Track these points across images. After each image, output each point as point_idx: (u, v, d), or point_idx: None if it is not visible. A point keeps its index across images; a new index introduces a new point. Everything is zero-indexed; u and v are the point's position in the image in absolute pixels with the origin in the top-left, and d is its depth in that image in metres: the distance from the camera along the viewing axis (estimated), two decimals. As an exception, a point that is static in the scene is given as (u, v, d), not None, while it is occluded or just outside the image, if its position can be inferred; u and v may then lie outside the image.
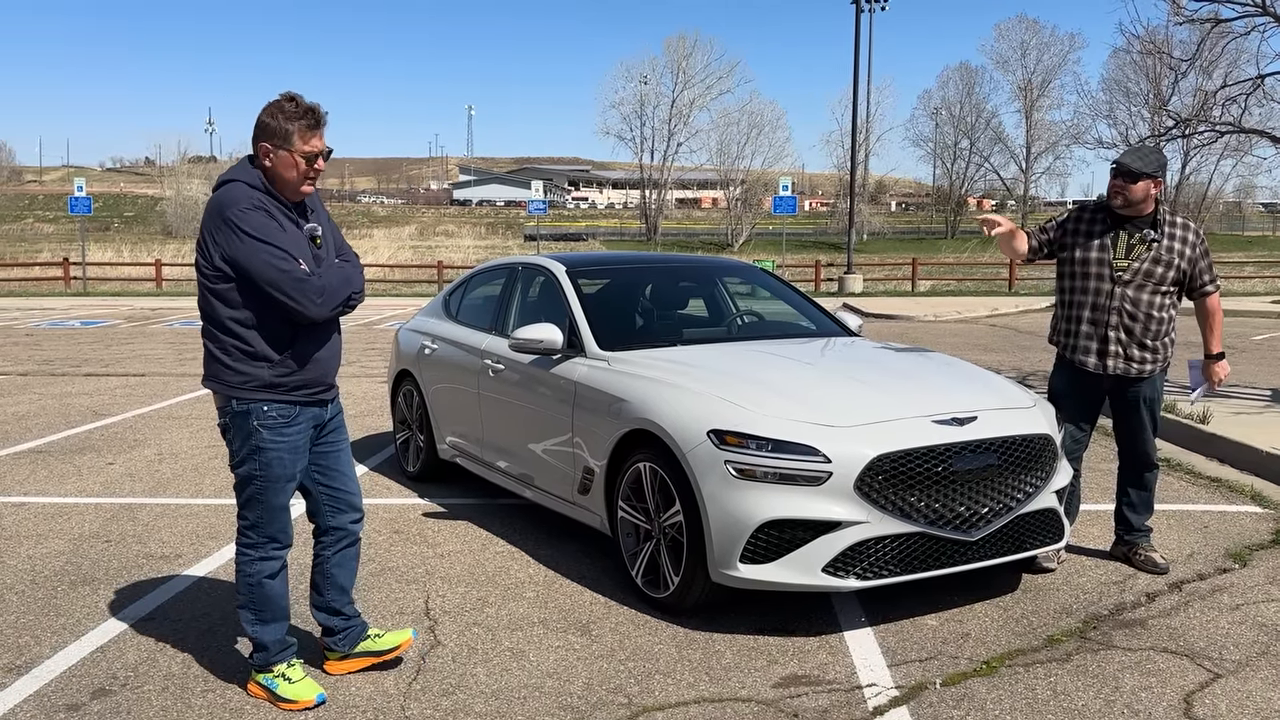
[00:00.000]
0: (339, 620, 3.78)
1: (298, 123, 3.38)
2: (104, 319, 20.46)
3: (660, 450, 4.31)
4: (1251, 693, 3.59)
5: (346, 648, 3.78)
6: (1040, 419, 4.43)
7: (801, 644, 4.03)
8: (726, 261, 8.03)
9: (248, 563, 3.56)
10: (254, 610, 3.58)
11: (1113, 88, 62.08)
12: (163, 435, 8.24)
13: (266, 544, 3.56)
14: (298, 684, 3.56)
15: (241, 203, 3.33)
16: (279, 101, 3.41)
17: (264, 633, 3.58)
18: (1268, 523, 5.61)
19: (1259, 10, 9.13)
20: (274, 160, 3.39)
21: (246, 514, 3.55)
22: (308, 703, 3.51)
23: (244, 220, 3.30)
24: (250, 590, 3.56)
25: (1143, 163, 4.64)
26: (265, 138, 3.38)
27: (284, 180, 3.41)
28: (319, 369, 3.52)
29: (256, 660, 3.60)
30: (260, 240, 3.29)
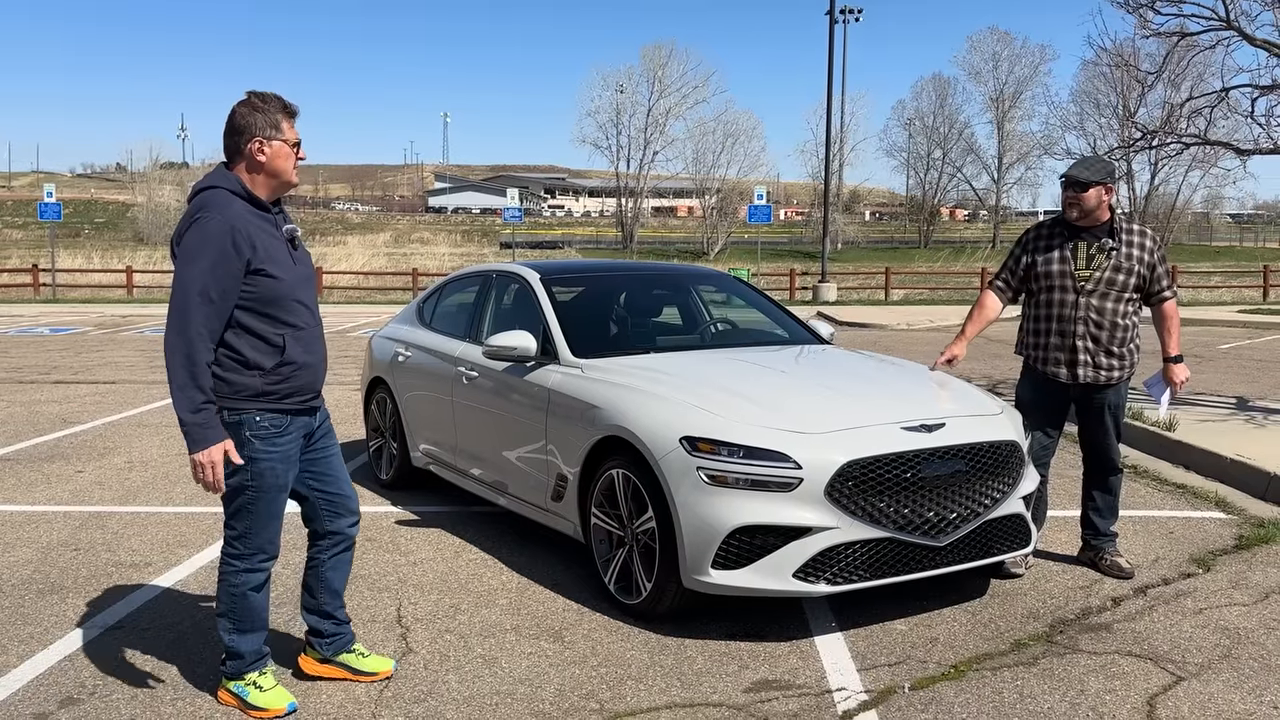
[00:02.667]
0: (329, 624, 3.77)
1: (281, 112, 3.39)
2: (74, 326, 20.25)
3: (633, 457, 4.33)
4: (1213, 695, 3.66)
5: (330, 653, 3.77)
6: (1007, 426, 4.49)
7: (773, 649, 4.06)
8: (700, 269, 8.07)
9: (233, 573, 3.51)
10: (233, 620, 3.54)
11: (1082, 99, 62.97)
12: (133, 443, 8.18)
13: (254, 555, 3.51)
14: (269, 692, 3.54)
15: (214, 211, 3.27)
16: (253, 99, 3.39)
17: (241, 642, 3.54)
18: (1231, 528, 5.70)
19: (1223, 24, 9.30)
20: (269, 152, 3.36)
21: (235, 524, 3.48)
22: (278, 711, 3.50)
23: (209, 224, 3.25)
24: (233, 600, 3.52)
25: (1090, 171, 4.74)
26: (256, 132, 3.34)
27: (280, 170, 3.39)
28: (309, 376, 3.50)
29: (229, 668, 3.57)
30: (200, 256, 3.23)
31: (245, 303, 3.32)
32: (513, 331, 5.20)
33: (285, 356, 3.40)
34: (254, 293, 3.32)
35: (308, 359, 3.47)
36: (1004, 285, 5.11)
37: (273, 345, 3.37)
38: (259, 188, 3.39)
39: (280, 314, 3.38)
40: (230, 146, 3.38)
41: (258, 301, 3.33)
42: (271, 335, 3.37)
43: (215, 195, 3.33)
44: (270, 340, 3.37)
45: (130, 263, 36.66)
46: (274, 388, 3.39)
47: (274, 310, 3.37)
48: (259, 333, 3.35)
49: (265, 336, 3.36)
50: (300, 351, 3.44)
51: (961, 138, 73.26)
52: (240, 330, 3.33)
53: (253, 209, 3.36)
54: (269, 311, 3.36)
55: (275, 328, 3.37)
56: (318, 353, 3.54)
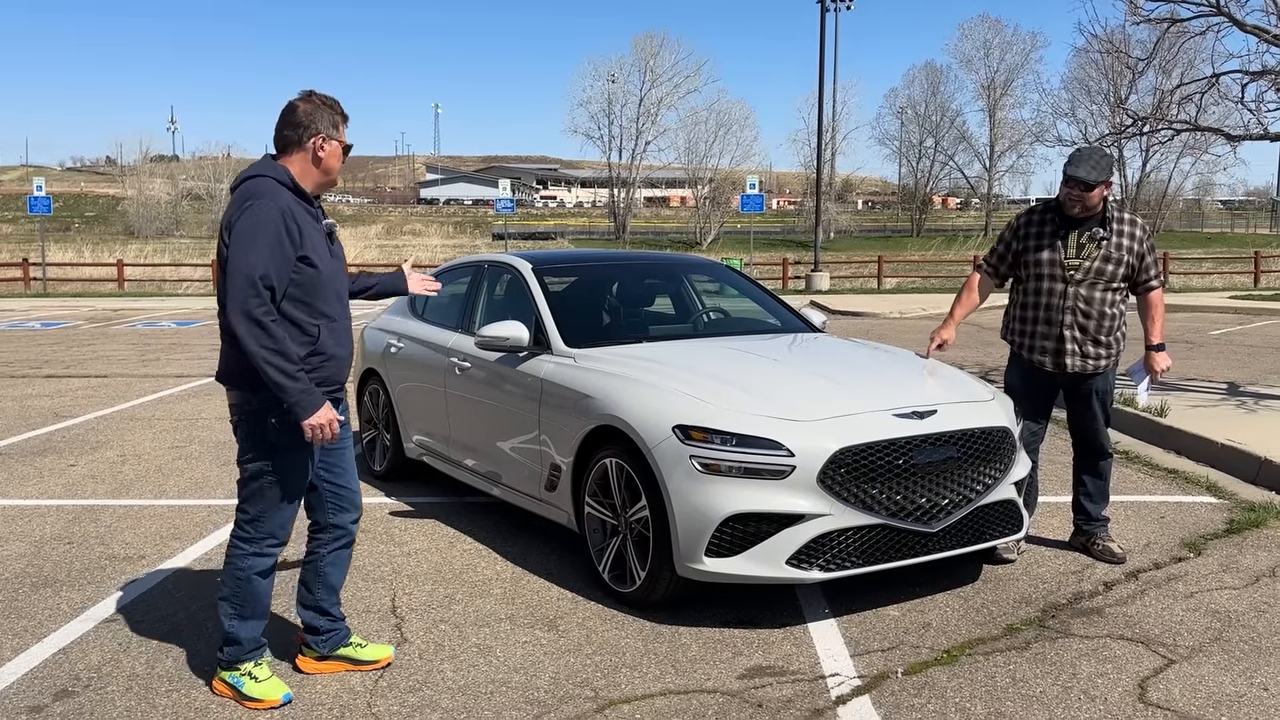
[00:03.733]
0: (325, 620, 3.77)
1: (339, 115, 3.53)
2: (65, 320, 20.18)
3: (626, 446, 4.34)
4: (1204, 677, 3.68)
5: (326, 649, 3.77)
6: (999, 412, 4.50)
7: (766, 636, 4.08)
8: (693, 259, 8.07)
9: (241, 556, 3.53)
10: (235, 605, 3.55)
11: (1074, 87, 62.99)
12: (125, 437, 8.16)
13: (264, 539, 3.53)
14: (264, 683, 3.54)
15: (268, 199, 3.33)
16: (315, 96, 3.50)
17: (241, 629, 3.56)
18: (1222, 513, 5.73)
19: (1213, 10, 9.30)
20: (328, 150, 3.48)
21: (249, 508, 3.52)
22: (273, 702, 3.50)
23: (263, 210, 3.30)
24: (237, 584, 3.54)
25: (1097, 172, 4.69)
26: (320, 129, 3.45)
27: (334, 169, 3.53)
28: (336, 367, 3.54)
29: (226, 655, 3.58)
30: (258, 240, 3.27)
31: (287, 292, 3.36)
32: (505, 322, 5.20)
33: (318, 346, 3.44)
34: (297, 281, 3.38)
35: (337, 350, 3.52)
36: (992, 270, 5.12)
37: (307, 335, 3.42)
38: (308, 181, 3.49)
39: (318, 304, 3.45)
40: (288, 138, 3.46)
41: (299, 290, 3.39)
42: (308, 325, 3.42)
43: (265, 184, 3.38)
44: (306, 329, 3.42)
45: (121, 256, 36.52)
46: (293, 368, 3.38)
47: (313, 299, 3.43)
48: (296, 321, 3.40)
49: (302, 325, 3.41)
50: (331, 343, 3.49)
51: (953, 126, 73.36)
52: (281, 320, 3.35)
53: (298, 200, 3.43)
54: (308, 300, 3.41)
55: (312, 317, 3.43)
56: (346, 345, 3.59)
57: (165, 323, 19.66)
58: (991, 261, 5.13)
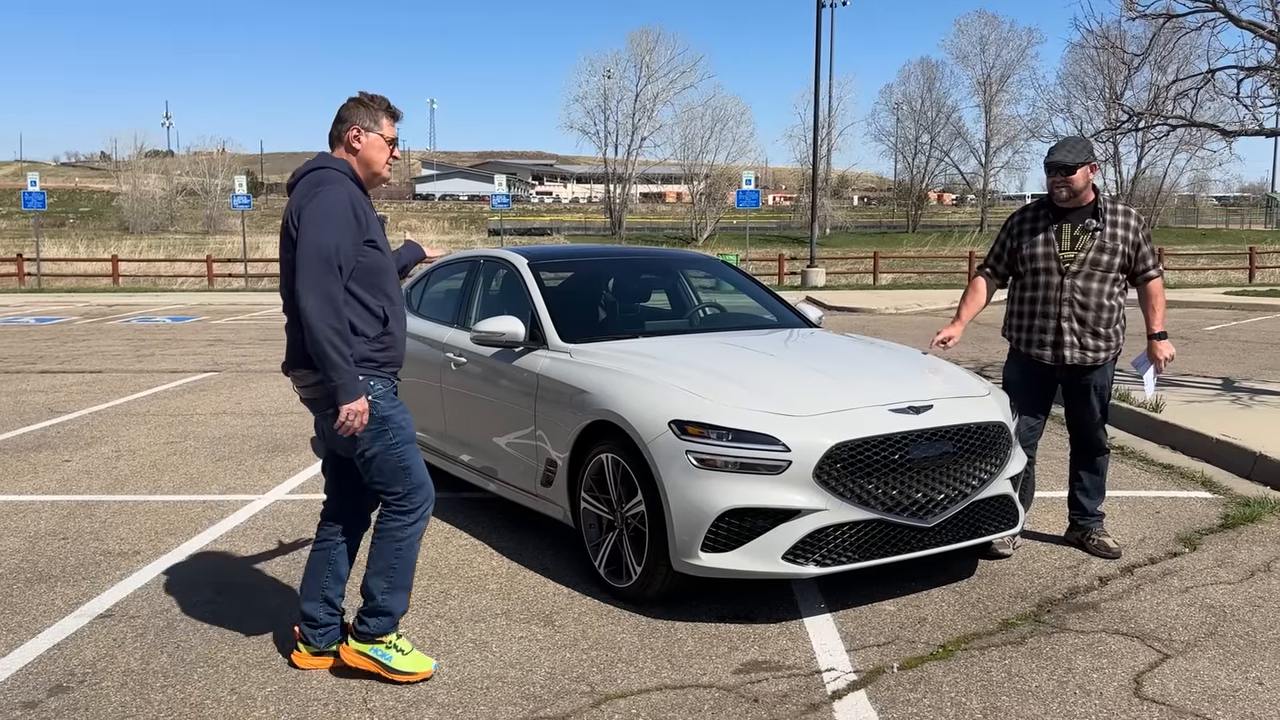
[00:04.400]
0: (325, 612, 3.77)
1: (384, 111, 3.64)
2: (59, 316, 20.14)
3: (622, 441, 4.34)
4: (1199, 672, 3.69)
5: (324, 644, 3.76)
6: (995, 407, 4.51)
7: (762, 630, 4.08)
8: (689, 254, 8.06)
9: (401, 528, 3.60)
10: (389, 577, 3.61)
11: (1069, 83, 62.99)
12: (120, 432, 8.14)
13: (424, 503, 3.64)
14: (411, 655, 3.64)
15: (334, 183, 3.48)
16: (360, 95, 3.66)
17: (392, 601, 3.63)
18: (1217, 508, 5.74)
19: (1209, 6, 9.30)
20: (365, 142, 3.59)
21: (396, 488, 3.59)
22: (425, 674, 3.61)
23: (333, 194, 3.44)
24: (397, 555, 3.61)
25: (1075, 154, 4.74)
26: (356, 121, 3.59)
27: (372, 161, 3.62)
28: (399, 350, 3.65)
29: (372, 628, 3.62)
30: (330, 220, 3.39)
31: (355, 274, 3.47)
32: (501, 317, 5.19)
33: (386, 328, 3.56)
34: (364, 264, 3.50)
35: (399, 333, 3.64)
36: (992, 270, 5.13)
37: (375, 315, 3.53)
38: (363, 168, 3.62)
39: (383, 286, 3.56)
40: (333, 134, 3.64)
41: (366, 273, 3.50)
42: (374, 306, 3.52)
43: (330, 173, 3.53)
44: (373, 310, 3.52)
45: (116, 252, 36.44)
46: (376, 355, 3.54)
47: (378, 281, 3.54)
48: (365, 302, 3.51)
49: (369, 306, 3.51)
50: (395, 324, 3.61)
51: (949, 122, 73.28)
52: (350, 301, 3.47)
53: (360, 190, 3.58)
54: (373, 282, 3.52)
55: (377, 299, 3.53)
56: (404, 331, 3.71)
57: (160, 318, 19.62)
58: (990, 262, 5.14)
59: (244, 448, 7.50)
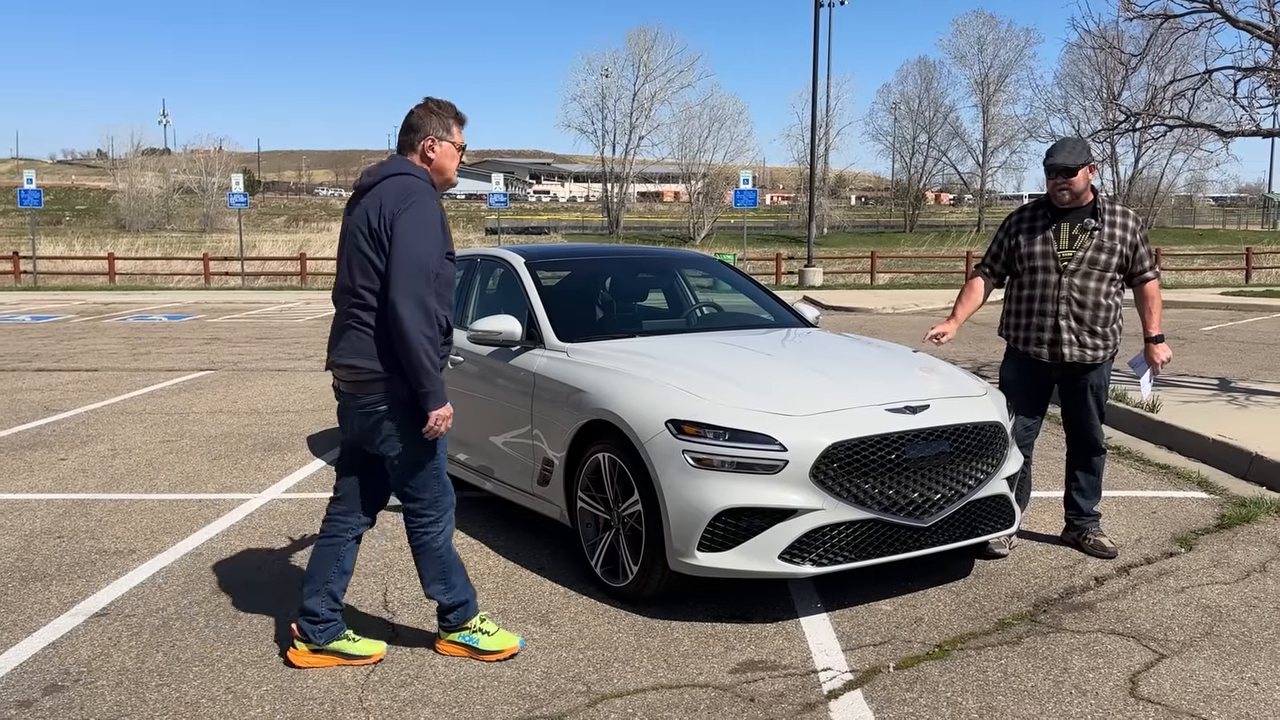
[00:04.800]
0: (327, 607, 3.77)
1: (453, 118, 3.71)
2: (55, 314, 20.10)
3: (619, 440, 4.33)
4: (1195, 672, 3.69)
5: (322, 641, 3.76)
6: (991, 407, 4.51)
7: (758, 630, 4.08)
8: (686, 253, 8.06)
9: (433, 538, 3.72)
10: (444, 580, 3.76)
11: (1067, 83, 63.04)
12: (116, 430, 8.13)
13: (446, 512, 3.75)
14: (496, 635, 3.79)
15: (423, 193, 3.56)
16: (429, 102, 3.70)
17: (461, 592, 3.78)
18: (1213, 508, 5.74)
19: (1206, 6, 9.31)
20: (439, 151, 3.67)
21: (424, 495, 3.70)
22: (513, 649, 3.78)
23: (428, 206, 3.54)
24: (441, 561, 3.74)
25: (1075, 155, 4.75)
26: (430, 131, 3.65)
27: (446, 169, 3.72)
28: (449, 352, 3.74)
29: (454, 619, 3.78)
30: (428, 231, 3.50)
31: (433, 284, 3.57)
32: (498, 316, 5.19)
33: (447, 337, 3.66)
34: (442, 275, 3.60)
35: (450, 337, 3.71)
36: (989, 270, 5.13)
37: (441, 324, 3.60)
38: (436, 175, 3.71)
39: (447, 294, 3.67)
40: (405, 143, 3.69)
41: (439, 282, 3.59)
42: (439, 314, 3.59)
43: (419, 183, 3.60)
44: (439, 317, 3.59)
45: (112, 250, 36.37)
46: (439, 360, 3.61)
47: (445, 291, 3.64)
48: (436, 313, 3.57)
49: (437, 315, 3.57)
50: (448, 330, 3.67)
51: (946, 122, 73.33)
52: None
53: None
54: (442, 291, 3.61)
55: (443, 308, 3.62)
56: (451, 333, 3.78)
57: (156, 316, 19.59)
58: (987, 261, 5.15)
59: (240, 446, 7.49)
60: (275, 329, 17.06)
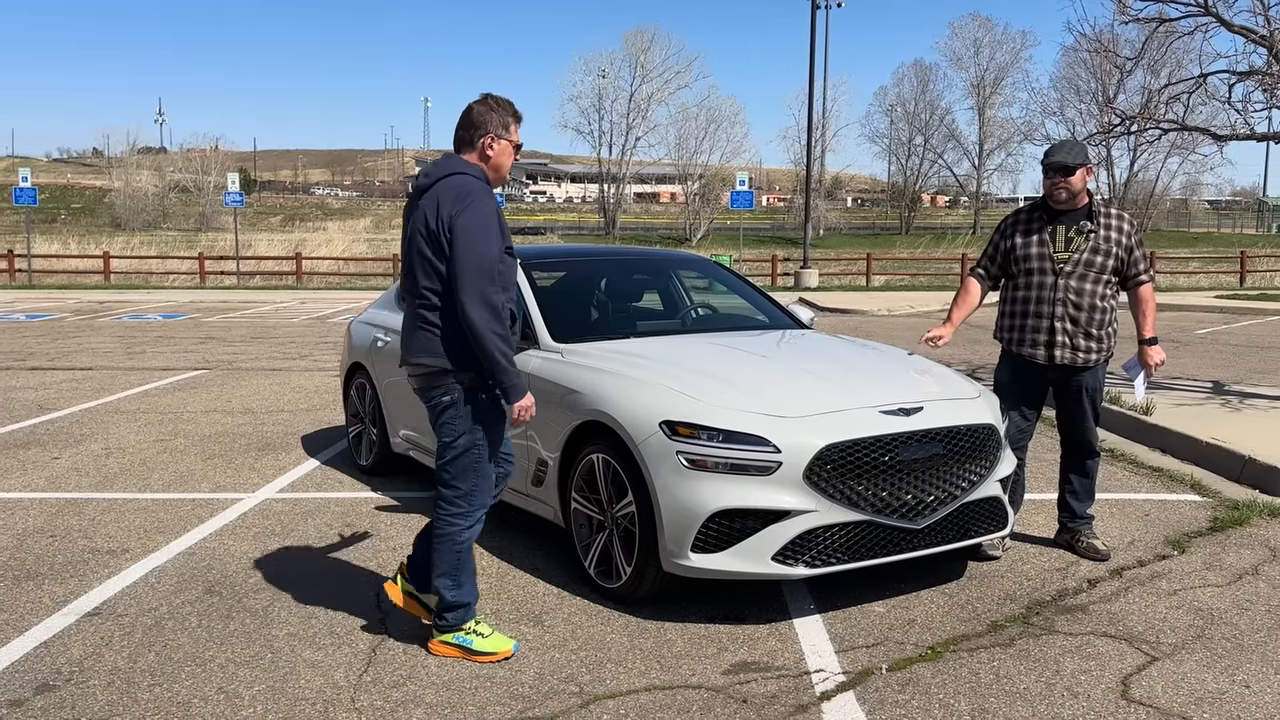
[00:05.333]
0: None
1: (511, 116, 3.78)
2: (50, 312, 20.05)
3: (613, 442, 4.33)
4: (1186, 674, 3.70)
5: (416, 587, 3.97)
6: (985, 409, 4.51)
7: (751, 631, 4.08)
8: (681, 254, 8.07)
9: (457, 531, 3.79)
10: (453, 576, 3.81)
11: (1063, 86, 63.14)
12: (110, 430, 8.11)
13: (477, 510, 3.83)
14: (490, 637, 3.82)
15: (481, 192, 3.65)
16: (489, 99, 3.78)
17: (463, 594, 3.83)
18: (1206, 511, 5.76)
19: (1202, 10, 9.33)
20: (497, 149, 3.75)
21: (460, 485, 3.78)
22: (506, 652, 3.79)
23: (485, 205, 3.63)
24: (456, 557, 3.80)
25: (1073, 155, 4.78)
26: (490, 128, 3.72)
27: (502, 166, 3.80)
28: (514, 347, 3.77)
29: (450, 620, 3.81)
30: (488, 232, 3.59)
31: None
32: (492, 316, 5.17)
33: (511, 329, 3.70)
34: (501, 269, 3.67)
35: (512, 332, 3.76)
36: (984, 272, 5.14)
37: (507, 314, 3.68)
38: (492, 173, 3.78)
39: (507, 289, 3.73)
40: (464, 138, 3.75)
41: (502, 278, 3.68)
42: (504, 307, 3.68)
43: (475, 183, 3.68)
44: (505, 310, 3.67)
45: (107, 248, 36.31)
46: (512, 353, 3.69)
47: (508, 286, 3.74)
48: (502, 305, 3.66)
49: (502, 309, 3.66)
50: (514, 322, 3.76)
51: (943, 124, 73.54)
52: None
53: None
54: (505, 286, 3.70)
55: (507, 301, 3.70)
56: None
57: (152, 315, 19.56)
58: (983, 264, 5.15)
59: (234, 446, 7.48)
60: (270, 328, 17.03)
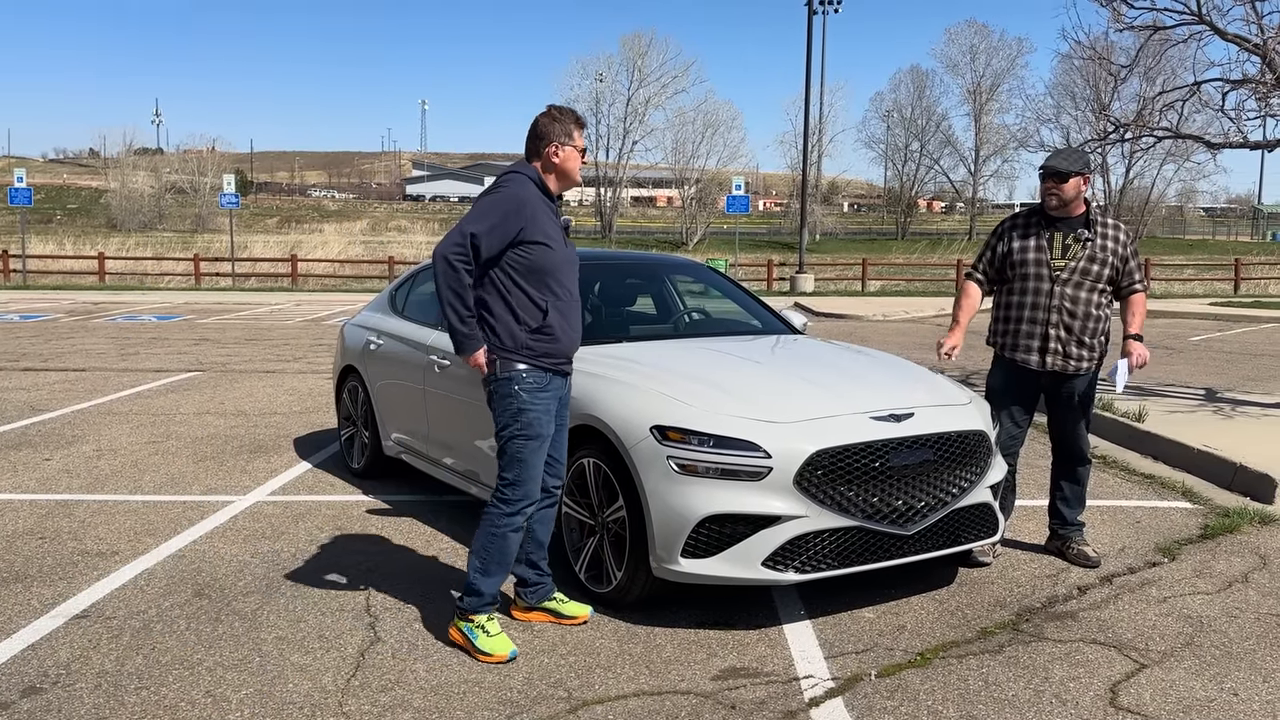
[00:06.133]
0: (533, 573, 4.20)
1: (574, 124, 4.03)
2: (45, 313, 20.01)
3: (604, 446, 4.33)
4: (1175, 682, 3.70)
5: (534, 600, 4.20)
6: (975, 415, 4.51)
7: (741, 637, 4.07)
8: (675, 259, 8.06)
9: (499, 515, 3.92)
10: (484, 559, 3.93)
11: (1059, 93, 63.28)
12: (102, 431, 8.09)
13: (521, 500, 3.93)
14: (495, 638, 3.87)
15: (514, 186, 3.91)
16: (552, 110, 4.03)
17: (483, 582, 3.92)
18: (1197, 518, 5.76)
19: (1195, 18, 9.35)
20: (562, 156, 4.00)
21: (507, 473, 3.94)
22: (501, 657, 3.81)
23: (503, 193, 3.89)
24: (491, 540, 3.92)
25: (1069, 162, 4.79)
26: (553, 138, 3.97)
27: (570, 171, 4.04)
28: (565, 342, 3.97)
29: (466, 604, 3.93)
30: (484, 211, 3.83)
31: (519, 268, 3.87)
32: (484, 320, 5.17)
33: (545, 322, 3.90)
34: (529, 260, 3.87)
35: (564, 326, 3.96)
36: (983, 276, 5.13)
37: (538, 308, 3.89)
38: (550, 183, 4.03)
39: (547, 281, 3.91)
40: (532, 149, 4.01)
41: (529, 269, 3.87)
42: (538, 299, 3.89)
43: (517, 178, 3.96)
44: (537, 304, 3.89)
45: (103, 249, 36.24)
46: (534, 344, 3.89)
47: (542, 278, 3.90)
48: (529, 295, 3.88)
49: (533, 299, 3.89)
50: (559, 319, 3.93)
51: (939, 130, 73.71)
52: (515, 291, 3.88)
53: (541, 195, 3.98)
54: (537, 279, 3.88)
55: (541, 294, 3.89)
56: (574, 325, 4.03)
57: (146, 316, 19.53)
58: (981, 267, 5.14)
59: (226, 448, 7.46)
60: (265, 330, 17.01)
